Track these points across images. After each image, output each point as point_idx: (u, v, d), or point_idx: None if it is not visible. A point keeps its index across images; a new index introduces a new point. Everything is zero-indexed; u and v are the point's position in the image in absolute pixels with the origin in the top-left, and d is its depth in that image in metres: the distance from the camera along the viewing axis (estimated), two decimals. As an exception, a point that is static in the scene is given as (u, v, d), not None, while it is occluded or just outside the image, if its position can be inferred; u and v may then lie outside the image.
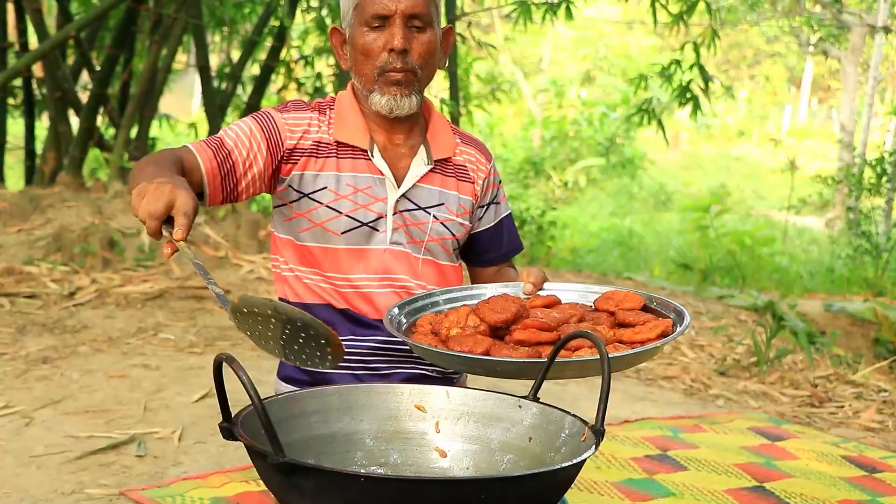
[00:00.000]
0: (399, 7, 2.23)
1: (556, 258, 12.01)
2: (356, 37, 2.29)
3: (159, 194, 1.78)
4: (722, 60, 29.55)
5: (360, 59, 2.30)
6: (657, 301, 2.16)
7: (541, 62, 28.81)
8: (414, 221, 2.35)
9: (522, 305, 2.05)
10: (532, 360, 1.86)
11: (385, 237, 2.32)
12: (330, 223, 2.29)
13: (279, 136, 2.27)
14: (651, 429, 4.52)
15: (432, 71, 2.35)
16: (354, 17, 2.29)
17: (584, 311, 2.13)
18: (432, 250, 2.37)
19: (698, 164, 26.49)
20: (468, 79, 12.77)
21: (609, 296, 2.19)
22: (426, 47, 2.29)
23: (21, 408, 4.21)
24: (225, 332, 5.76)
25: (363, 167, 2.31)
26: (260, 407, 1.41)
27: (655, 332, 1.97)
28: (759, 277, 11.33)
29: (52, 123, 8.74)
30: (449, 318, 2.08)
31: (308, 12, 9.76)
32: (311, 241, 2.31)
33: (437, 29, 2.33)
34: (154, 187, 1.79)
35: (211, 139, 2.24)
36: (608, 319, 2.09)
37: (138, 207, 1.80)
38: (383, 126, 2.35)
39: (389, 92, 2.27)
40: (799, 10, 18.73)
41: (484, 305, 2.05)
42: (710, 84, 8.01)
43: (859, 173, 14.69)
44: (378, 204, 2.31)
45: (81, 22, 8.30)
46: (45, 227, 7.06)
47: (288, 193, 2.30)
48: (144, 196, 1.79)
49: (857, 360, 6.72)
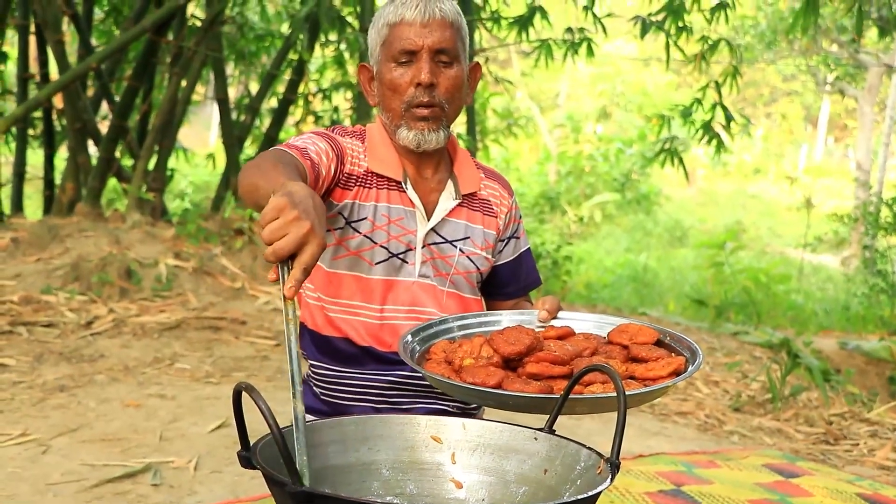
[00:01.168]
0: (426, 42, 2.26)
1: (571, 293, 12.00)
2: (384, 72, 2.31)
3: (293, 229, 1.55)
4: (738, 98, 29.60)
5: (387, 94, 2.32)
6: (671, 336, 2.15)
7: (557, 97, 28.91)
8: (441, 254, 2.37)
9: (536, 338, 2.05)
10: (544, 395, 1.86)
11: (414, 270, 2.34)
12: (365, 253, 2.31)
13: (343, 159, 2.28)
14: (665, 464, 4.51)
15: (459, 106, 2.37)
16: (382, 53, 2.32)
17: (597, 344, 2.13)
18: (457, 283, 2.39)
19: (714, 201, 26.46)
20: (485, 113, 12.82)
21: (623, 329, 2.19)
22: (453, 82, 2.31)
23: (38, 436, 4.22)
24: (241, 363, 5.77)
25: (397, 198, 2.33)
26: (279, 436, 1.42)
27: (668, 370, 1.97)
28: (774, 314, 11.29)
29: (71, 154, 8.80)
30: (462, 348, 2.07)
31: (326, 46, 9.84)
32: (345, 269, 2.32)
33: (464, 64, 2.35)
34: (293, 217, 1.55)
35: (299, 148, 2.11)
36: (621, 353, 2.09)
37: (265, 228, 1.57)
38: (412, 160, 2.37)
39: (417, 127, 2.29)
40: (815, 49, 18.78)
41: (498, 336, 2.05)
42: (732, 123, 8.03)
43: (876, 212, 14.65)
44: (408, 236, 2.33)
45: (102, 54, 8.38)
46: (63, 257, 7.10)
47: (336, 220, 2.30)
48: (279, 217, 1.56)
49: (872, 399, 6.69)
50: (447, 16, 2.29)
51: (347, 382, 2.35)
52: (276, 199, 1.57)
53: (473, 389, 1.89)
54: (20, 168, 9.22)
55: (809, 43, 18.33)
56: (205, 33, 8.50)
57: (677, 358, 2.01)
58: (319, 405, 2.42)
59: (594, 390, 1.90)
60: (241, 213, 8.37)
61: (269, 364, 5.80)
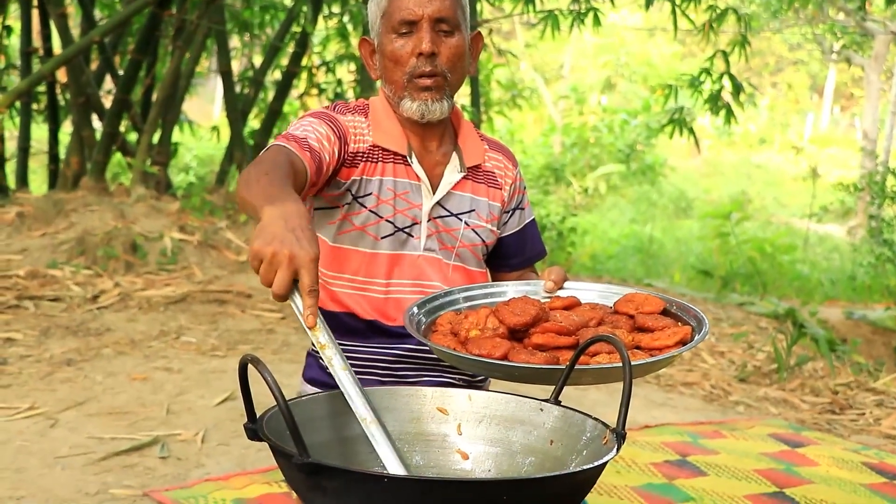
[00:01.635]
0: (426, 11, 2.24)
1: (576, 264, 12.00)
2: (385, 44, 2.30)
3: (276, 264, 1.61)
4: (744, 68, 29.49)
5: (389, 66, 2.30)
6: (677, 305, 2.15)
7: (561, 69, 28.83)
8: (446, 228, 2.36)
9: (542, 308, 2.04)
10: (550, 366, 1.86)
11: (419, 243, 2.33)
12: (371, 227, 2.30)
13: (346, 139, 2.26)
14: (671, 434, 4.52)
15: (462, 76, 2.36)
16: (382, 25, 2.30)
17: (603, 314, 2.12)
18: (463, 256, 2.39)
19: (719, 172, 26.40)
20: (489, 85, 12.79)
21: (629, 298, 2.18)
22: (454, 51, 2.29)
23: (45, 409, 4.24)
24: (247, 336, 5.79)
25: (402, 172, 2.32)
26: (285, 408, 1.42)
27: (674, 340, 1.96)
28: (780, 285, 11.29)
29: (75, 128, 8.79)
30: (469, 320, 2.07)
31: (330, 19, 9.81)
32: (350, 244, 2.31)
33: (465, 34, 2.33)
34: (270, 255, 1.60)
35: (299, 139, 2.12)
36: (627, 323, 2.09)
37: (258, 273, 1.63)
38: (417, 132, 2.36)
39: (420, 97, 2.27)
40: (822, 17, 18.67)
41: (504, 307, 2.04)
42: (741, 92, 8.00)
43: (882, 181, 14.62)
44: (414, 210, 2.32)
45: (105, 27, 8.35)
46: (68, 231, 7.11)
47: (344, 197, 2.29)
48: (261, 262, 1.61)
49: (878, 368, 6.70)
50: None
51: (353, 357, 2.35)
52: (251, 248, 1.62)
53: (479, 361, 1.89)
54: (24, 143, 9.22)
55: (816, 11, 18.23)
56: (208, 6, 8.46)
57: (683, 327, 2.01)
58: (325, 378, 2.42)
59: (601, 360, 1.90)
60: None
61: (275, 337, 5.81)
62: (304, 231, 1.65)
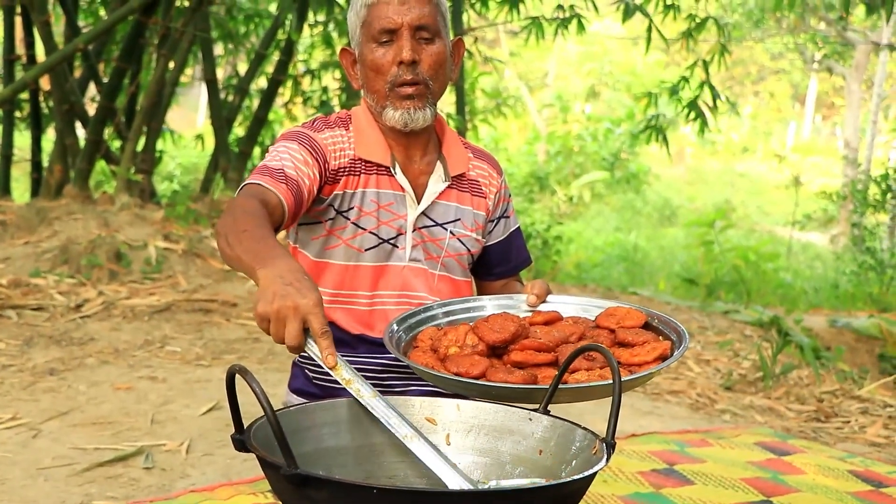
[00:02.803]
0: (405, 19, 2.23)
1: (561, 273, 12.01)
2: (365, 54, 2.29)
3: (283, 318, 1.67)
4: (726, 77, 29.61)
5: (370, 75, 2.30)
6: (658, 318, 2.15)
7: (546, 77, 28.89)
8: (431, 238, 2.36)
9: (521, 325, 2.04)
10: (527, 386, 1.86)
11: (405, 254, 2.33)
12: (355, 240, 2.29)
13: (325, 159, 2.25)
14: (658, 443, 4.52)
15: (444, 83, 2.35)
16: (363, 34, 2.29)
17: (584, 329, 2.12)
18: (448, 266, 2.38)
19: (703, 180, 26.51)
20: (473, 93, 12.79)
21: (611, 312, 2.18)
22: (435, 58, 2.29)
23: (28, 420, 4.21)
24: (232, 345, 5.76)
25: (385, 183, 2.32)
26: (273, 419, 1.42)
27: (653, 356, 1.96)
28: (764, 293, 11.32)
29: (58, 136, 8.75)
30: (448, 337, 2.06)
31: (315, 27, 9.81)
32: (334, 258, 2.31)
33: (445, 40, 2.33)
34: (276, 312, 1.66)
35: (274, 171, 2.13)
36: (608, 338, 2.09)
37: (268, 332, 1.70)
38: (400, 142, 2.35)
39: (402, 106, 2.26)
40: (803, 27, 18.78)
41: (483, 324, 2.04)
42: (718, 101, 8.04)
43: (864, 189, 14.70)
44: (398, 221, 2.32)
45: (89, 35, 8.32)
46: (51, 240, 7.07)
47: (327, 212, 2.29)
48: (270, 323, 1.68)
49: (863, 376, 6.71)
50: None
51: None
52: (256, 312, 1.68)
53: (457, 381, 1.88)
54: (7, 150, 9.17)
55: (797, 21, 18.34)
56: (193, 14, 8.44)
57: (663, 343, 2.01)
58: (313, 388, 2.41)
59: (579, 378, 1.89)
60: (230, 195, 8.33)
61: (261, 346, 5.79)
62: (302, 282, 1.69)
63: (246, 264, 1.80)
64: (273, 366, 5.38)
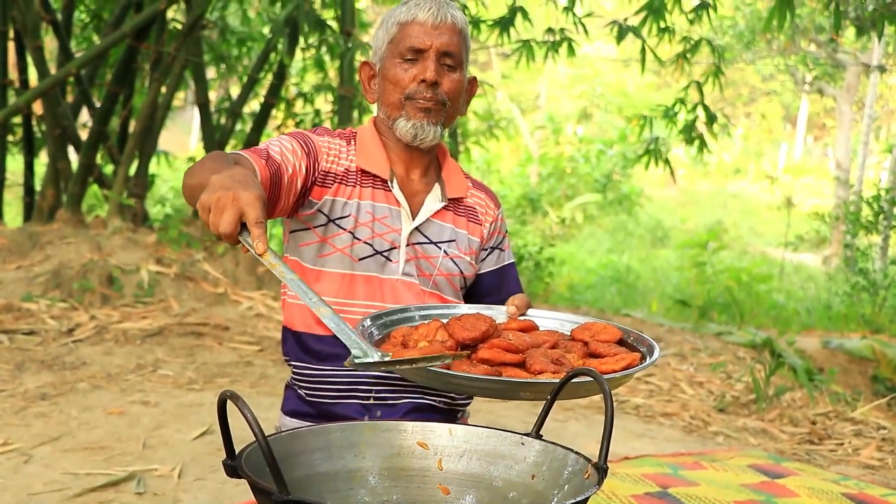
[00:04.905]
0: (435, 42, 2.31)
1: (553, 294, 12.01)
2: (388, 68, 2.35)
3: (222, 206, 1.69)
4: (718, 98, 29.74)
5: (389, 87, 2.36)
6: (633, 336, 2.16)
7: (537, 99, 28.98)
8: (424, 255, 2.38)
9: (493, 325, 2.03)
10: (487, 377, 1.83)
11: (397, 268, 2.36)
12: (349, 249, 2.33)
13: (317, 157, 2.31)
14: (651, 466, 4.51)
15: (457, 112, 2.43)
16: (389, 49, 2.36)
17: (558, 339, 2.12)
18: (439, 285, 2.40)
19: (695, 201, 26.56)
20: (465, 116, 12.82)
21: (587, 326, 2.18)
22: (455, 85, 2.36)
23: (20, 445, 4.19)
24: (224, 369, 5.75)
25: (382, 197, 2.36)
26: (264, 444, 1.41)
27: (621, 365, 1.96)
28: (757, 314, 11.33)
29: (51, 160, 8.76)
30: (419, 331, 2.06)
31: (307, 50, 9.83)
32: (329, 266, 2.34)
33: (464, 74, 2.40)
34: (216, 199, 1.69)
35: (257, 150, 2.20)
36: (581, 349, 2.08)
37: (208, 224, 1.72)
38: (403, 158, 2.41)
39: (416, 117, 2.33)
40: (794, 48, 18.87)
41: (455, 322, 2.04)
42: (715, 122, 8.07)
43: (856, 210, 14.74)
44: (392, 234, 2.35)
45: (82, 60, 8.34)
46: (43, 264, 7.06)
47: (316, 218, 2.33)
48: (210, 211, 1.70)
49: (856, 398, 6.71)
50: (457, 22, 2.36)
51: (333, 381, 2.36)
52: (199, 202, 1.72)
53: (420, 369, 1.86)
54: (0, 175, 9.17)
55: (788, 43, 18.44)
56: (185, 38, 8.47)
57: (632, 354, 2.01)
58: (306, 408, 2.41)
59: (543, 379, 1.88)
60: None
61: (253, 370, 5.78)
62: (249, 180, 1.74)
63: (201, 183, 1.83)
64: (265, 389, 5.37)
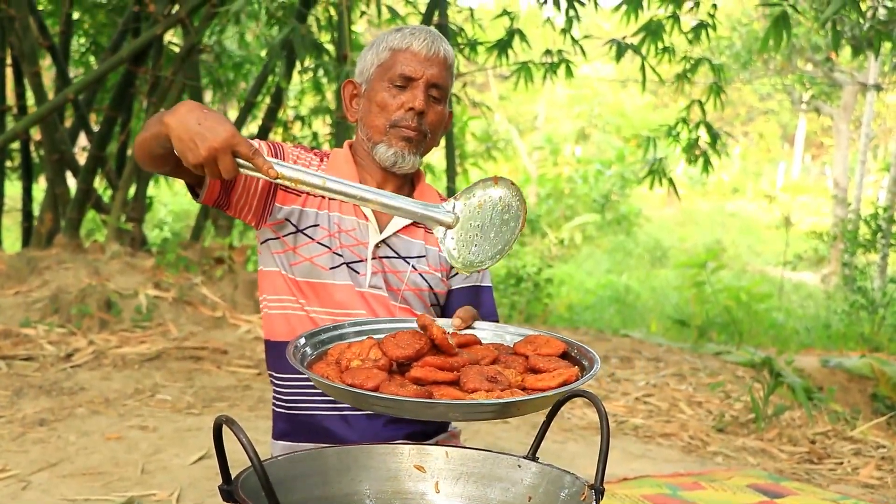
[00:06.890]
0: (427, 73, 2.35)
1: (552, 315, 12.00)
2: (376, 90, 2.38)
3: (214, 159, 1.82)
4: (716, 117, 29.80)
5: (374, 110, 2.38)
6: (577, 349, 2.12)
7: (535, 120, 29.04)
8: (392, 269, 2.40)
9: (427, 343, 2.01)
10: (417, 399, 1.76)
11: (364, 280, 2.37)
12: (319, 259, 2.35)
13: (284, 159, 2.33)
14: (650, 486, 4.50)
15: (434, 142, 2.46)
16: (377, 73, 2.39)
17: (499, 353, 2.09)
18: (408, 300, 2.41)
19: (693, 220, 26.57)
20: (464, 137, 12.86)
21: (530, 339, 2.15)
22: (439, 117, 2.41)
23: (18, 471, 4.19)
24: (222, 393, 5.74)
25: (349, 209, 2.39)
26: (260, 469, 1.41)
27: (557, 381, 1.92)
28: (756, 333, 11.32)
29: (49, 185, 8.77)
30: (352, 350, 2.02)
31: (304, 73, 9.86)
32: (301, 275, 2.36)
33: (447, 106, 2.44)
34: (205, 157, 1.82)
35: None
36: (522, 363, 2.05)
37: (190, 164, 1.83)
38: (376, 177, 2.44)
39: (398, 145, 2.36)
40: (791, 68, 18.92)
41: (389, 339, 1.99)
42: (718, 140, 8.11)
43: (854, 229, 14.75)
44: (360, 247, 2.38)
45: (80, 85, 8.36)
46: (42, 289, 7.06)
47: (284, 227, 2.36)
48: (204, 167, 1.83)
49: (855, 416, 6.70)
50: (448, 57, 2.40)
51: (314, 390, 2.35)
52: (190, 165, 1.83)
53: (349, 392, 1.79)
54: (-2, 200, 9.19)
55: (785, 62, 18.48)
56: (182, 62, 8.49)
57: (570, 369, 1.95)
58: (292, 425, 2.41)
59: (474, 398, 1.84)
60: (221, 242, 8.35)
61: (251, 394, 5.77)
62: (209, 117, 1.84)
63: (153, 131, 1.94)
64: (264, 413, 5.36)
